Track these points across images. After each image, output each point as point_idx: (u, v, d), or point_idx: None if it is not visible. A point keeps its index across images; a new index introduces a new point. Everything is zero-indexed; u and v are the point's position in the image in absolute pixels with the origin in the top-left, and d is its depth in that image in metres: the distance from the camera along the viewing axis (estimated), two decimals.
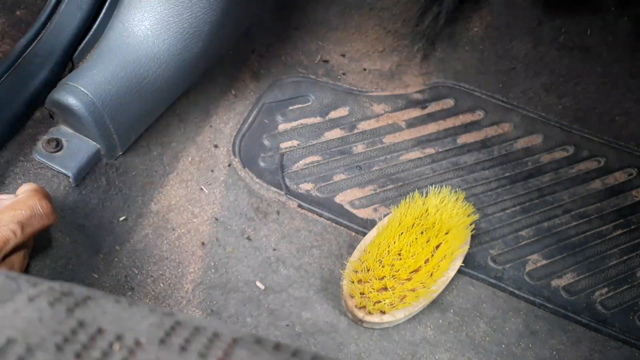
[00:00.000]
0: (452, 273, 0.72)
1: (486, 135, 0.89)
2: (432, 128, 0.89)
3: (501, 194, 0.83)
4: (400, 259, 0.68)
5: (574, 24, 0.94)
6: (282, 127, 0.86)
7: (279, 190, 0.80)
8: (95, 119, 0.64)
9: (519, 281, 0.76)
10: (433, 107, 0.91)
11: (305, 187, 0.81)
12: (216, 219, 0.76)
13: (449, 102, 0.92)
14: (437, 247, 0.70)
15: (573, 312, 0.74)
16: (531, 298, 0.75)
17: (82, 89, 0.63)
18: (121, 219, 0.69)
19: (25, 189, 0.52)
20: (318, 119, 0.87)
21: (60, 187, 0.65)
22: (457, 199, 0.73)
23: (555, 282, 0.76)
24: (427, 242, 0.69)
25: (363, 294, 0.68)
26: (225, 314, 0.69)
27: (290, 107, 0.88)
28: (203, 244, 0.74)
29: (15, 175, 0.64)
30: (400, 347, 0.69)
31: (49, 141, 0.65)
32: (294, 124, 0.87)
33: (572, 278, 0.77)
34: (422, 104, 0.91)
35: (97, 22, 0.67)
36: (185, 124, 0.80)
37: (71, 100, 0.62)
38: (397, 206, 0.73)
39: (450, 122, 0.89)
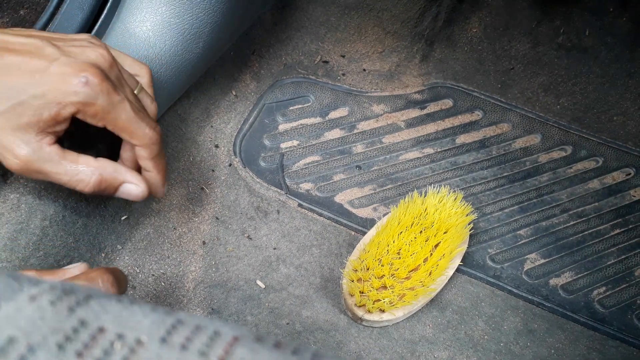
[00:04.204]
0: (451, 272, 0.72)
1: (485, 135, 0.89)
2: (431, 128, 0.89)
3: (499, 194, 0.84)
4: (400, 258, 0.68)
5: (572, 24, 0.94)
6: (282, 127, 0.86)
7: (279, 190, 0.80)
8: None
9: (518, 280, 0.76)
10: (432, 108, 0.91)
11: (305, 186, 0.81)
12: (217, 218, 0.76)
13: (447, 103, 0.92)
14: (436, 246, 0.71)
15: (571, 311, 0.75)
16: (529, 297, 0.75)
17: None
18: (123, 217, 0.69)
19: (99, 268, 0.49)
20: (318, 119, 0.88)
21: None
22: (455, 199, 0.74)
23: (553, 281, 0.77)
24: (426, 241, 0.70)
25: (362, 292, 0.68)
26: (226, 312, 0.70)
27: (291, 108, 0.88)
28: (204, 242, 0.74)
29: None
30: (400, 345, 0.69)
31: None
32: (294, 124, 0.87)
33: (570, 277, 0.77)
34: (421, 104, 0.91)
35: (98, 23, 0.67)
36: (186, 124, 0.81)
37: None
38: (396, 206, 0.74)
39: (449, 122, 0.90)
